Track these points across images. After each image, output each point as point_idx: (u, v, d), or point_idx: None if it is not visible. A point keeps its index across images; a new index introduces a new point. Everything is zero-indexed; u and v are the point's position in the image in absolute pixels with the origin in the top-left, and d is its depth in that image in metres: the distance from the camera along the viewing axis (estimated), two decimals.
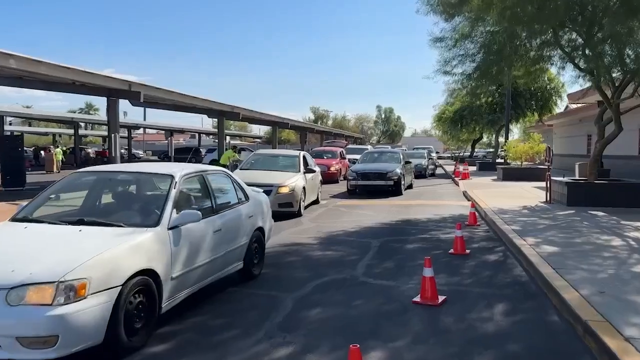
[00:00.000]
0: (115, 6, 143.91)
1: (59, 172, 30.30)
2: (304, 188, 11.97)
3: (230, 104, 27.26)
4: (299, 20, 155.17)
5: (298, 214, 11.64)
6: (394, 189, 16.68)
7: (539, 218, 10.95)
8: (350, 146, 36.86)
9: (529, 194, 16.35)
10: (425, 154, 29.01)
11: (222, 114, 27.36)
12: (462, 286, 6.10)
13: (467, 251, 7.90)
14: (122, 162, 45.31)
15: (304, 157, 13.41)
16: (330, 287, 6.10)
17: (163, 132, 70.51)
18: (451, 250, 7.95)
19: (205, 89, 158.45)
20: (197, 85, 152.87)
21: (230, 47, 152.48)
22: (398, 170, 16.93)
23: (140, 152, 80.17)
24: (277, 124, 37.13)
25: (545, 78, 33.05)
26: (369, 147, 33.70)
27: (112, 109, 18.01)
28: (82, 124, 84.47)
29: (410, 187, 19.22)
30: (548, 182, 13.99)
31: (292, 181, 11.66)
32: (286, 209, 11.36)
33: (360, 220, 11.48)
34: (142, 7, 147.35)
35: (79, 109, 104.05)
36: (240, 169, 12.90)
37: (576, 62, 11.92)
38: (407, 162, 19.11)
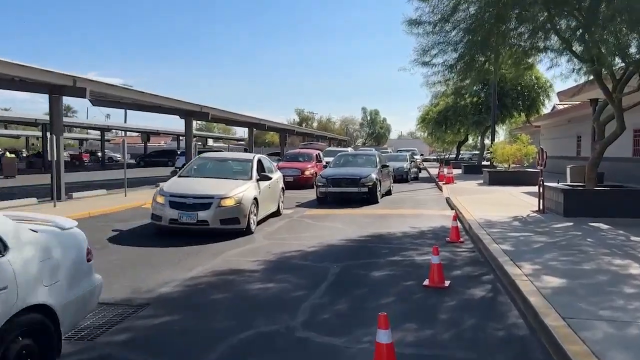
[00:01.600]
0: (100, 10, 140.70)
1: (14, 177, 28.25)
2: (255, 199, 10.02)
3: (199, 104, 25.33)
4: (284, 24, 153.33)
5: (247, 232, 9.73)
6: (368, 197, 14.81)
7: (533, 233, 9.26)
8: (329, 148, 35.12)
9: (519, 202, 14.71)
10: (408, 157, 27.34)
11: (190, 114, 25.42)
12: (437, 347, 4.33)
13: (447, 283, 6.14)
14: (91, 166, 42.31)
15: (259, 162, 11.51)
16: (249, 351, 4.29)
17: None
18: (426, 282, 6.19)
19: (195, 91, 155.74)
20: (187, 87, 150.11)
21: (217, 50, 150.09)
22: (373, 176, 15.06)
23: (119, 155, 77.69)
24: (254, 125, 35.22)
25: (533, 77, 31.83)
26: (349, 149, 31.93)
27: (54, 107, 16.01)
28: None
29: (388, 193, 17.50)
30: (541, 189, 12.35)
31: (240, 191, 9.63)
32: (231, 226, 9.37)
33: (324, 236, 9.70)
34: (131, 12, 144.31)
35: None
36: (179, 177, 10.87)
37: (574, 49, 10.28)
38: (385, 166, 17.14)
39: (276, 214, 12.05)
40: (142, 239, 9.25)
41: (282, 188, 12.81)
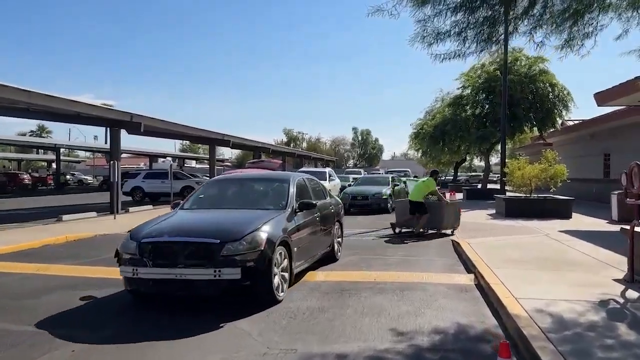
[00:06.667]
0: (91, 33, 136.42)
1: None
2: None
3: (129, 112, 19.72)
4: (274, 46, 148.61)
5: None
6: (248, 287, 5.76)
7: None
8: (306, 169, 29.34)
9: (576, 254, 8.94)
10: (389, 180, 21.28)
11: (117, 124, 19.76)
12: None
13: None
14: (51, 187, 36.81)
15: None
16: None
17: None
18: None
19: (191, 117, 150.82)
20: (179, 111, 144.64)
21: (208, 74, 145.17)
22: (262, 235, 5.97)
23: (90, 177, 72.03)
24: (215, 142, 29.51)
25: (547, 84, 26.52)
26: (327, 169, 26.25)
27: None
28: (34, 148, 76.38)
29: (331, 257, 8.76)
30: (635, 241, 6.66)
31: None
32: None
33: None
34: (117, 35, 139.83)
35: (30, 131, 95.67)
36: None
37: None
38: (308, 206, 7.44)
39: None
40: None
41: None
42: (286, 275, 6.40)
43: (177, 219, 6.87)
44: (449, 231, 12.30)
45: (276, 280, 6.09)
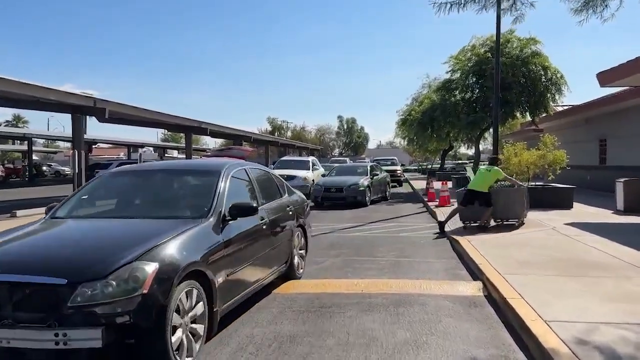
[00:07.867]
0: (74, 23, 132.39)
1: None
2: None
3: (93, 97, 18.07)
4: (258, 37, 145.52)
5: None
6: (124, 356, 3.45)
7: None
8: (287, 158, 27.86)
9: (591, 252, 7.64)
10: (368, 169, 19.33)
11: (80, 109, 18.07)
12: None
13: None
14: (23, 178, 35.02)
15: None
16: None
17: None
18: None
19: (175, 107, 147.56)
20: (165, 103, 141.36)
21: (191, 64, 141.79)
22: (146, 268, 3.53)
23: (67, 168, 69.78)
24: (191, 130, 27.86)
25: (539, 67, 25.30)
26: (310, 158, 24.83)
27: None
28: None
29: (288, 275, 6.52)
30: None
31: None
32: None
33: None
34: (103, 26, 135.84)
35: (5, 121, 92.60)
36: None
37: None
38: (243, 211, 4.91)
39: None
40: None
41: None
42: (201, 324, 4.04)
43: (23, 237, 4.42)
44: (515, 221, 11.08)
45: (180, 340, 3.73)
